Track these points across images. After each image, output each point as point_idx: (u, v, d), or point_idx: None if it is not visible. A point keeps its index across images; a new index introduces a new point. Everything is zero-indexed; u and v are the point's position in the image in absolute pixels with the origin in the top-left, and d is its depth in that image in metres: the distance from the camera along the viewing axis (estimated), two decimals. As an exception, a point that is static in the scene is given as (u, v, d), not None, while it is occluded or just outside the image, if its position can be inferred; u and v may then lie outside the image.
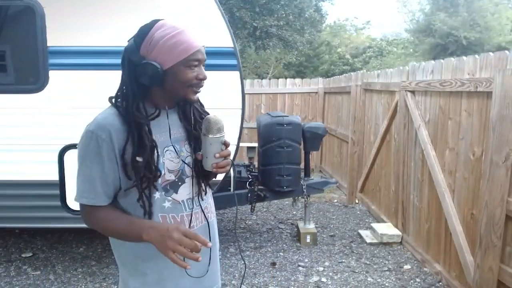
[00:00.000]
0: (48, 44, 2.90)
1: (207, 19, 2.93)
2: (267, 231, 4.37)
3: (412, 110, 3.71)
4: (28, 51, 2.95)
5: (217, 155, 1.21)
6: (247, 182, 3.81)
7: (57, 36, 2.91)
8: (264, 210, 5.10)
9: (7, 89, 2.99)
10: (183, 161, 1.26)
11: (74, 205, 3.06)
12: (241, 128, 2.98)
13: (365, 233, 4.19)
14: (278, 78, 8.03)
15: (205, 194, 1.33)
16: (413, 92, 3.75)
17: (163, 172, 1.21)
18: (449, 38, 17.83)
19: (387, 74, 4.49)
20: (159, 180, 1.20)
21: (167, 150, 1.23)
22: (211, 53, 2.99)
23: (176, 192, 1.24)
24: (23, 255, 3.69)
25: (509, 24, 19.51)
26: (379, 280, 3.30)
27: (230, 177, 3.80)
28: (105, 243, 3.94)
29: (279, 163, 3.73)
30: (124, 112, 1.17)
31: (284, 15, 12.01)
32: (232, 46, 2.94)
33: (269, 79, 8.62)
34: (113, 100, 1.22)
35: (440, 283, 3.20)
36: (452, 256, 3.08)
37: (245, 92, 3.03)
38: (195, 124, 1.30)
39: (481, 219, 2.59)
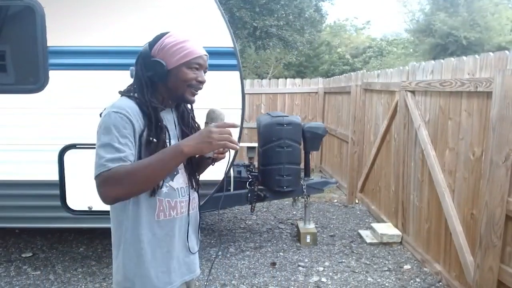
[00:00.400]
0: (48, 44, 2.90)
1: (207, 19, 2.93)
2: (267, 231, 4.37)
3: (412, 110, 3.71)
4: (28, 51, 2.95)
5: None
6: (247, 182, 3.81)
7: (57, 36, 2.91)
8: (264, 210, 5.10)
9: (7, 89, 2.99)
10: None
11: (74, 205, 3.06)
12: (241, 128, 2.99)
13: (365, 233, 4.19)
14: (278, 78, 8.03)
15: (196, 186, 1.49)
16: (413, 92, 3.75)
17: None
18: (449, 38, 17.83)
19: (387, 74, 4.49)
20: None
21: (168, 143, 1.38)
22: (211, 53, 2.98)
23: (172, 180, 1.38)
24: (23, 255, 3.69)
25: (509, 24, 19.51)
26: (379, 280, 3.30)
27: (230, 177, 3.81)
28: (105, 243, 3.94)
29: (279, 163, 3.74)
30: (140, 99, 1.33)
31: (284, 15, 12.01)
32: (232, 46, 2.95)
33: (269, 79, 8.62)
34: (127, 92, 1.37)
35: (440, 283, 3.20)
36: (452, 256, 3.08)
37: (245, 92, 3.03)
38: (189, 124, 1.49)
39: (481, 219, 2.59)
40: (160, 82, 1.36)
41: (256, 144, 4.53)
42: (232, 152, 1.47)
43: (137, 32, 2.92)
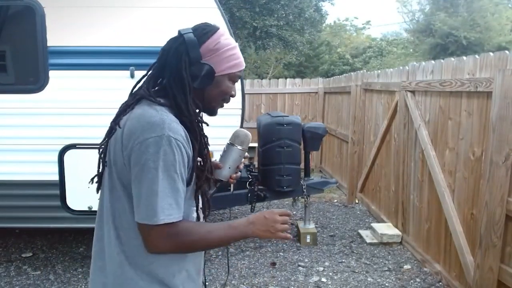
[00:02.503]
0: (48, 44, 2.90)
1: (207, 19, 2.92)
2: (267, 231, 4.36)
3: (412, 110, 3.71)
4: (28, 51, 2.95)
5: (241, 166, 1.31)
6: (247, 182, 3.81)
7: (57, 36, 2.91)
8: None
9: (7, 89, 2.99)
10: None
11: (74, 205, 3.06)
12: (241, 128, 2.98)
13: (365, 233, 4.19)
14: (278, 78, 8.03)
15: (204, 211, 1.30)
16: (413, 92, 3.75)
17: None
18: (449, 38, 17.84)
19: (387, 74, 4.49)
20: None
21: None
22: (211, 53, 3.00)
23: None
24: (23, 255, 3.69)
25: (509, 24, 19.53)
26: (379, 280, 3.30)
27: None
28: (105, 243, 3.94)
29: (279, 163, 3.73)
30: (183, 112, 1.10)
31: (284, 15, 12.01)
32: (232, 46, 2.94)
33: (269, 79, 8.62)
34: (156, 99, 1.12)
35: (440, 283, 3.20)
36: (452, 256, 3.08)
37: (245, 92, 3.03)
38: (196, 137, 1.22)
39: (481, 219, 2.59)
40: (199, 89, 1.14)
41: (256, 144, 4.53)
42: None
43: (137, 32, 2.93)
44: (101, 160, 1.19)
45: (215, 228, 1.11)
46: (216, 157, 3.39)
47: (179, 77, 1.10)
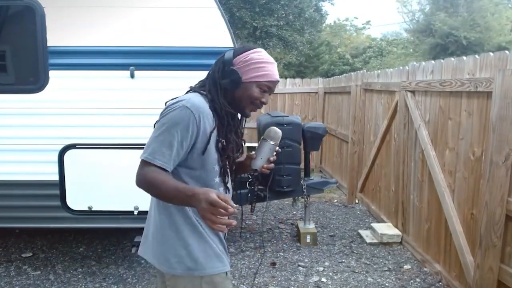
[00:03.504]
0: (48, 44, 2.90)
1: (207, 19, 2.93)
2: (267, 231, 4.37)
3: (412, 110, 3.71)
4: (28, 51, 2.95)
5: (272, 158, 1.57)
6: (247, 182, 3.81)
7: (57, 36, 2.91)
8: (264, 210, 5.10)
9: (7, 89, 2.99)
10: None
11: (74, 205, 3.06)
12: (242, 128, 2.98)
13: (365, 233, 4.19)
14: (278, 78, 8.01)
15: (230, 188, 1.56)
16: (413, 92, 3.75)
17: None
18: (449, 38, 17.84)
19: (387, 74, 4.49)
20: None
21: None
22: (211, 53, 3.00)
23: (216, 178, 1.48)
24: (23, 255, 3.69)
25: (509, 24, 19.52)
26: (379, 280, 3.30)
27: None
28: (105, 243, 3.95)
29: (279, 163, 3.72)
30: (214, 101, 1.41)
31: (284, 15, 12.01)
32: (232, 46, 2.94)
33: (269, 79, 8.60)
34: (199, 90, 1.44)
35: (440, 283, 3.20)
36: (452, 256, 3.08)
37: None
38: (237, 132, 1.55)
39: (481, 219, 2.59)
40: (229, 90, 1.42)
41: (256, 144, 4.53)
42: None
43: (137, 32, 2.93)
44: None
45: (168, 184, 1.29)
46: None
47: (214, 77, 1.44)
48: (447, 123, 3.15)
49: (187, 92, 1.47)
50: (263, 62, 1.42)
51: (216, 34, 2.93)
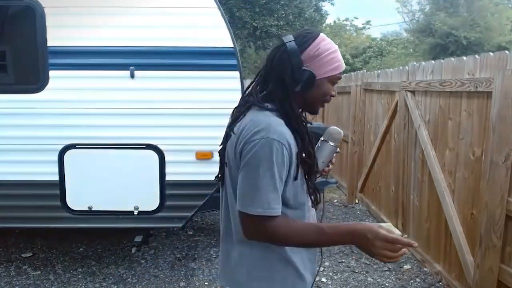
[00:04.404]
0: (48, 44, 2.90)
1: (207, 19, 2.93)
2: (267, 231, 4.36)
3: (412, 110, 3.71)
4: (28, 51, 2.95)
5: (333, 160, 1.40)
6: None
7: (57, 36, 2.91)
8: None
9: (7, 89, 2.99)
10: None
11: (74, 205, 3.06)
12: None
13: (365, 233, 4.18)
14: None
15: (316, 203, 1.36)
16: (413, 92, 3.75)
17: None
18: (449, 38, 17.84)
19: (387, 74, 4.49)
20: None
21: None
22: (211, 53, 3.01)
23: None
24: (23, 255, 3.69)
25: (509, 24, 19.53)
26: (379, 280, 3.30)
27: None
28: (105, 243, 3.94)
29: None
30: (288, 114, 1.20)
31: (284, 15, 12.02)
32: (232, 46, 2.94)
33: (269, 79, 8.60)
34: (263, 105, 1.22)
35: (440, 283, 3.20)
36: (452, 256, 3.08)
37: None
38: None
39: (481, 219, 2.59)
40: (301, 93, 1.22)
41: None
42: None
43: (137, 32, 2.93)
44: (221, 162, 1.32)
45: (307, 232, 1.17)
46: (216, 157, 3.37)
47: (283, 83, 1.20)
48: (447, 123, 3.15)
49: (248, 106, 1.25)
50: (332, 52, 1.22)
51: (216, 34, 2.93)
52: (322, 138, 1.38)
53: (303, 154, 1.20)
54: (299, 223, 1.21)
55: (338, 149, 1.40)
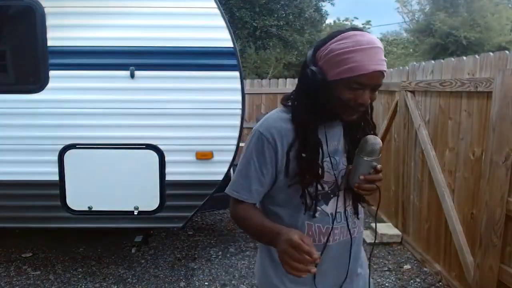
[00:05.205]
0: (48, 44, 2.90)
1: (207, 19, 2.93)
2: (267, 231, 4.36)
3: (412, 110, 3.71)
4: (28, 51, 2.95)
5: (361, 177, 1.18)
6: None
7: (57, 36, 2.91)
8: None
9: (7, 89, 2.99)
10: (334, 175, 1.24)
11: (74, 205, 3.06)
12: (241, 128, 2.98)
13: (365, 233, 4.19)
14: (278, 78, 8.02)
15: (358, 209, 1.32)
16: (413, 92, 3.75)
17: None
18: (449, 38, 17.84)
19: (387, 74, 4.49)
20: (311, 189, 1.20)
21: (325, 161, 1.22)
22: (211, 53, 3.01)
23: (327, 204, 1.24)
24: (23, 255, 3.69)
25: (509, 24, 19.52)
26: (379, 280, 3.30)
27: (230, 177, 3.80)
28: (105, 243, 3.94)
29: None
30: (294, 111, 1.20)
31: (284, 15, 12.02)
32: (232, 46, 2.94)
33: (269, 79, 8.61)
34: (285, 101, 1.25)
35: (440, 283, 3.20)
36: (452, 256, 3.08)
37: (245, 92, 3.03)
38: (353, 141, 1.26)
39: (481, 219, 2.59)
40: (319, 94, 1.15)
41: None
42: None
43: (138, 32, 2.93)
44: None
45: (254, 221, 1.20)
46: (216, 157, 3.35)
47: (298, 82, 1.21)
48: (447, 123, 3.15)
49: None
50: (347, 52, 1.07)
51: (216, 35, 2.93)
52: (356, 151, 1.21)
53: (302, 154, 1.17)
54: (254, 213, 1.22)
55: (373, 163, 1.17)
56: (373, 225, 4.23)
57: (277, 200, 1.25)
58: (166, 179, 3.02)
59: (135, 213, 3.04)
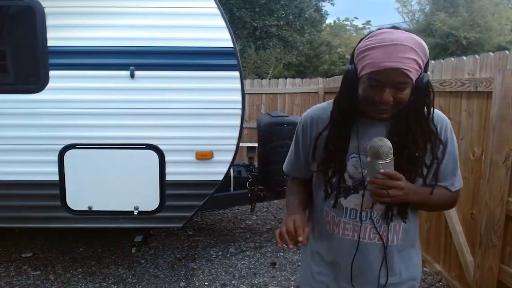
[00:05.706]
0: (48, 44, 2.90)
1: (207, 19, 2.93)
2: (267, 231, 4.37)
3: (412, 110, 3.70)
4: (28, 51, 2.95)
5: (368, 179, 1.15)
6: (247, 182, 3.81)
7: (57, 36, 2.90)
8: (264, 210, 5.10)
9: (7, 89, 2.99)
10: (362, 172, 1.24)
11: (74, 205, 3.06)
12: (241, 128, 2.98)
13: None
14: (278, 78, 8.02)
15: (391, 217, 1.26)
16: (413, 92, 3.74)
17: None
18: (449, 38, 17.85)
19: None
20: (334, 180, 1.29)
21: (353, 157, 1.25)
22: (211, 53, 3.01)
23: (345, 198, 1.29)
24: (23, 255, 3.69)
25: (509, 24, 19.53)
26: (379, 280, 3.30)
27: (230, 177, 3.81)
28: (105, 243, 3.95)
29: (279, 163, 3.73)
30: (333, 104, 1.28)
31: (284, 15, 12.03)
32: (232, 46, 2.94)
33: (269, 79, 8.61)
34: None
35: (440, 283, 3.20)
36: (452, 256, 3.07)
37: (245, 92, 3.03)
38: (398, 144, 1.19)
39: (481, 219, 2.59)
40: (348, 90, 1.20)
41: (256, 144, 4.53)
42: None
43: (138, 32, 2.93)
44: None
45: (288, 195, 1.42)
46: (216, 157, 3.35)
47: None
48: (447, 123, 3.15)
49: None
50: (367, 49, 1.09)
51: (216, 35, 2.93)
52: (368, 159, 1.16)
53: (329, 144, 1.27)
54: (294, 188, 1.43)
55: (379, 166, 1.11)
56: (373, 225, 4.23)
57: (313, 183, 1.40)
58: (166, 179, 3.02)
59: (135, 213, 3.04)
